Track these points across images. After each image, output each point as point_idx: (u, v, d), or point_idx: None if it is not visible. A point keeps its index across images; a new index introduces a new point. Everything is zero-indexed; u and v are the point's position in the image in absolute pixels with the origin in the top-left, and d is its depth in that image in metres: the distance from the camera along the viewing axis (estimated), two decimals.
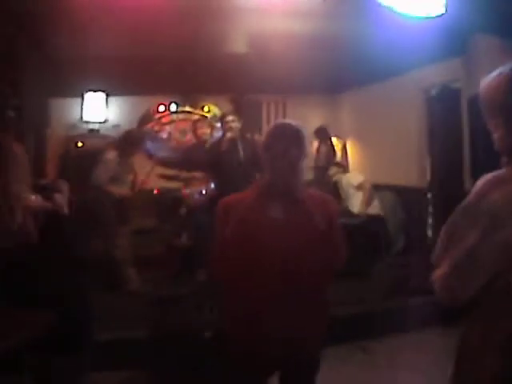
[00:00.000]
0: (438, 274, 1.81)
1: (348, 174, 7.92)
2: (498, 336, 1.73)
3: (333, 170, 8.04)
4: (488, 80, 1.85)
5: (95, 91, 9.57)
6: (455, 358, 1.91)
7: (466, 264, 1.73)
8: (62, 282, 2.65)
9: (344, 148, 10.66)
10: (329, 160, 9.33)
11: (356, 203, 7.37)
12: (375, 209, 7.39)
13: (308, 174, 9.38)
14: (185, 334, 3.36)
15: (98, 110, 9.68)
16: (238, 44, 6.95)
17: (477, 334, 1.81)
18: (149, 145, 9.77)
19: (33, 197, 2.75)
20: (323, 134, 9.65)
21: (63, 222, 2.80)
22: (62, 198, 2.94)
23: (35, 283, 2.57)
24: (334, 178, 7.83)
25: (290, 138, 2.59)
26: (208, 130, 8.75)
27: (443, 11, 6.17)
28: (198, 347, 4.40)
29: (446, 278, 1.78)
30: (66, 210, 2.95)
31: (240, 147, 6.14)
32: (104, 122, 9.86)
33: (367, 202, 7.34)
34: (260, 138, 6.46)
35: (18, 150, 2.77)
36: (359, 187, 7.43)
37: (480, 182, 1.78)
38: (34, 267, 2.57)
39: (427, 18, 6.22)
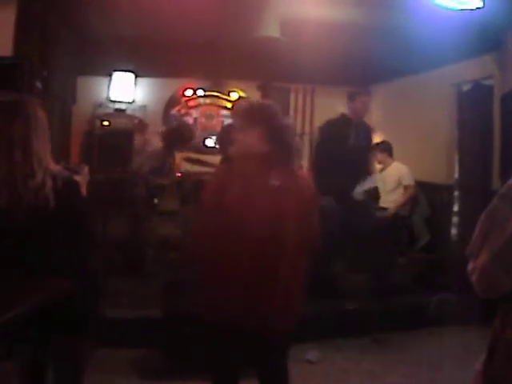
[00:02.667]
0: (475, 263, 1.72)
1: (399, 166, 7.66)
2: None
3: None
4: None
5: (123, 71, 9.53)
6: (486, 353, 1.81)
7: (507, 252, 1.64)
8: (70, 253, 2.59)
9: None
10: None
11: (391, 200, 7.18)
12: (405, 210, 7.23)
13: None
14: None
15: (126, 90, 9.65)
16: (269, 29, 6.83)
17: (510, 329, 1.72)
18: None
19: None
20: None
21: (80, 191, 2.77)
22: (81, 179, 2.91)
23: (41, 249, 2.53)
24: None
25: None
26: None
27: (481, 5, 6.05)
28: None
29: (485, 267, 1.68)
30: (84, 192, 2.91)
31: None
32: (131, 103, 9.82)
33: (403, 205, 7.16)
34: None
35: (42, 115, 2.75)
36: (404, 187, 7.25)
37: None
38: (44, 231, 2.53)
39: (464, 10, 6.10)
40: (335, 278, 5.92)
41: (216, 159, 6.96)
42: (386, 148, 7.54)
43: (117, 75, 9.56)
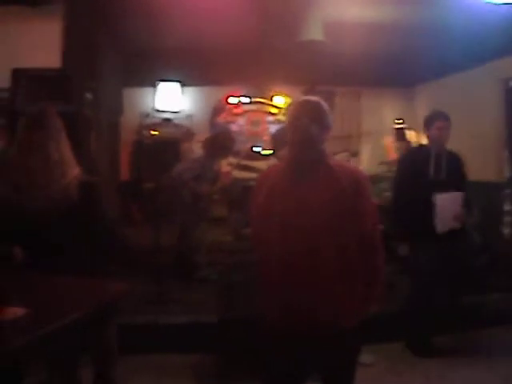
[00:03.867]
0: None
1: None
2: None
3: None
4: None
5: (169, 81, 9.66)
6: None
7: None
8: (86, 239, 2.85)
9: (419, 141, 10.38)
10: None
11: None
12: None
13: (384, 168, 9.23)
14: (252, 319, 3.32)
15: (172, 99, 9.78)
16: (312, 32, 6.85)
17: None
18: None
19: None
20: (400, 136, 9.41)
21: (99, 195, 3.02)
22: None
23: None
24: None
25: (310, 113, 2.66)
26: None
27: None
28: None
29: None
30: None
31: None
32: (178, 112, 9.95)
33: None
34: None
35: (60, 123, 3.06)
36: None
37: None
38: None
39: (506, 4, 6.00)
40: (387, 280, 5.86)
41: (264, 164, 7.00)
42: None
43: (162, 85, 9.70)
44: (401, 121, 9.30)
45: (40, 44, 5.66)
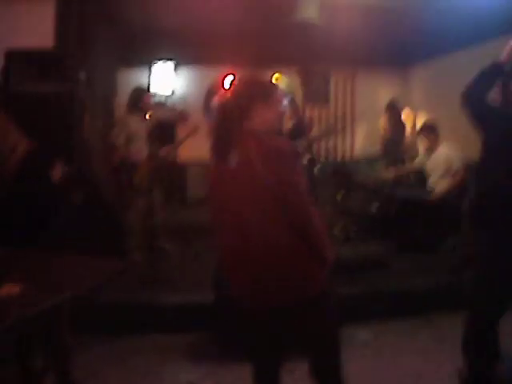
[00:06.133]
0: None
1: (446, 149, 7.11)
2: None
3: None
4: None
5: (163, 60, 9.62)
6: None
7: None
8: None
9: (414, 121, 10.40)
10: (397, 134, 9.14)
11: (438, 186, 7.02)
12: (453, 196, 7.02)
13: (378, 148, 9.25)
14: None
15: (166, 81, 9.74)
16: (308, 12, 6.80)
17: None
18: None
19: None
20: (393, 109, 9.43)
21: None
22: None
23: None
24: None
25: (232, 93, 2.63)
26: None
27: None
28: None
29: None
30: None
31: None
32: (172, 94, 9.92)
33: (448, 192, 6.96)
34: None
35: None
36: (453, 174, 6.92)
37: None
38: None
39: None
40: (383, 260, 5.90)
41: None
42: (431, 130, 7.31)
43: (157, 66, 9.65)
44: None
45: (34, 25, 5.63)
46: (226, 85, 10.07)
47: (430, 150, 7.21)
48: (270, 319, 2.63)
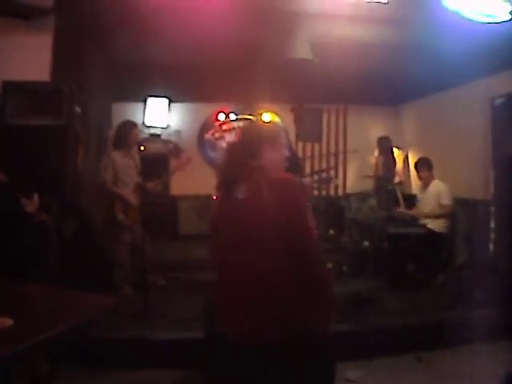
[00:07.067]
0: None
1: (438, 184, 7.31)
2: None
3: None
4: None
5: (157, 97, 9.68)
6: None
7: None
8: None
9: (406, 159, 10.47)
10: (388, 170, 9.21)
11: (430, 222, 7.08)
12: (442, 227, 7.10)
13: (369, 184, 9.30)
14: None
15: (160, 115, 9.79)
16: (300, 51, 6.89)
17: None
18: (210, 153, 9.94)
19: None
20: (384, 144, 9.52)
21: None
22: None
23: None
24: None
25: (240, 136, 2.89)
26: None
27: (508, 18, 6.06)
28: None
29: None
30: None
31: None
32: (166, 128, 9.97)
33: (436, 219, 7.04)
34: None
35: None
36: (441, 206, 7.10)
37: None
38: None
39: (492, 23, 6.10)
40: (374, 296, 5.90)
41: None
42: (426, 165, 7.41)
43: (151, 101, 9.71)
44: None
45: (31, 57, 5.67)
46: (220, 120, 10.18)
47: (425, 185, 7.32)
48: (262, 357, 2.55)
